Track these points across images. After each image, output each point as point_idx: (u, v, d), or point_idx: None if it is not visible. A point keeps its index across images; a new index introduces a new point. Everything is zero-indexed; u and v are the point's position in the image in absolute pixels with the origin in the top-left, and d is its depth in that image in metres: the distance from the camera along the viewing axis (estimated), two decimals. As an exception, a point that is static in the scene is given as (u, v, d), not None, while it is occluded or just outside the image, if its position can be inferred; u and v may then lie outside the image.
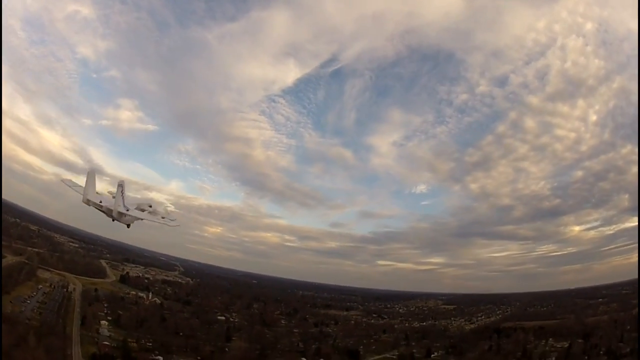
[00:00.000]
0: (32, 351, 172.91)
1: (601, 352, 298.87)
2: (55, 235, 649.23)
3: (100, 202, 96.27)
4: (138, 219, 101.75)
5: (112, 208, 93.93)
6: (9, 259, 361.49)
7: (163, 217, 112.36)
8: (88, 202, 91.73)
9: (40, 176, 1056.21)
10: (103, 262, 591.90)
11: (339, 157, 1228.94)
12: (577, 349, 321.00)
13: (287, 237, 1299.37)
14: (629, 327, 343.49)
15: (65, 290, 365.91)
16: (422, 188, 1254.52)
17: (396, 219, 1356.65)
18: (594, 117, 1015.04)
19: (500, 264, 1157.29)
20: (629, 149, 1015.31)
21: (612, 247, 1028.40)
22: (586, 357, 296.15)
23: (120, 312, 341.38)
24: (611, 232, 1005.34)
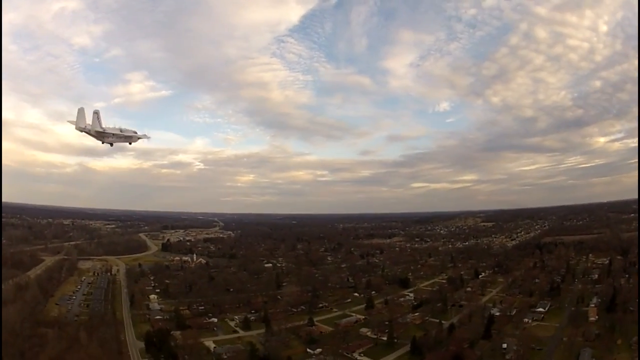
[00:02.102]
0: (85, 349, 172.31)
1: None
2: (90, 223, 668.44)
3: (86, 127, 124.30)
4: (115, 135, 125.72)
5: (91, 129, 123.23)
6: (48, 261, 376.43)
7: (135, 133, 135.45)
8: (80, 129, 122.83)
9: (64, 170, 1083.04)
10: (142, 236, 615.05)
11: (357, 84, 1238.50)
12: (617, 265, 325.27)
13: (318, 172, 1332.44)
14: None
15: (109, 274, 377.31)
16: (444, 106, 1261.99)
17: (424, 139, 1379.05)
18: (604, 28, 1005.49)
19: (531, 177, 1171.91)
20: None
21: (636, 160, 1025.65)
22: (626, 275, 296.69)
23: (168, 282, 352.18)
24: (634, 144, 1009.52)
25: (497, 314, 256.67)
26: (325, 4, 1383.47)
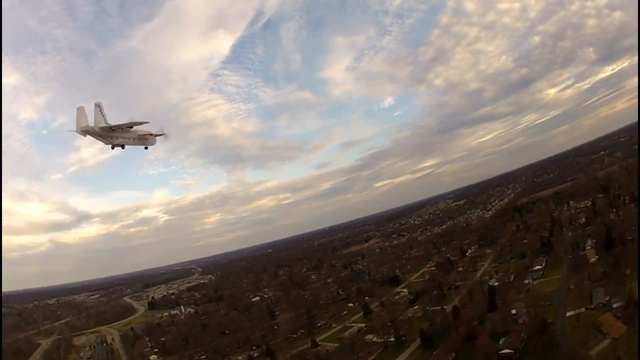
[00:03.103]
0: None
1: (626, 201, 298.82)
2: (75, 297, 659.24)
3: (88, 126, 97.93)
4: (125, 132, 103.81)
5: (94, 126, 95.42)
6: (44, 344, 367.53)
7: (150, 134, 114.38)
8: (83, 131, 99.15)
9: (38, 250, 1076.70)
10: (127, 299, 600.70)
11: (300, 101, 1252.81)
12: (601, 203, 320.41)
13: (281, 195, 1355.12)
14: None
15: (105, 344, 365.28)
16: (389, 100, 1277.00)
17: (377, 138, 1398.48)
18: None
19: (490, 146, 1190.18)
20: (578, 4, 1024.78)
21: (594, 99, 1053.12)
22: (614, 210, 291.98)
23: (163, 339, 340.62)
24: (588, 86, 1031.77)
25: (496, 284, 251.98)
26: (253, 28, 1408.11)
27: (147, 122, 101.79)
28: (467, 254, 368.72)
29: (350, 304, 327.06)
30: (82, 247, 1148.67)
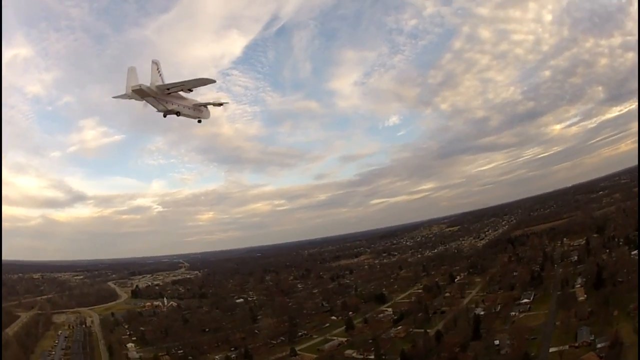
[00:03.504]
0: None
1: (620, 243, 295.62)
2: (59, 275, 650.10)
3: (142, 86, 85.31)
4: (181, 99, 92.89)
5: (151, 85, 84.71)
6: (24, 317, 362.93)
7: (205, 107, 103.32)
8: (135, 91, 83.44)
9: (29, 223, 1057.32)
10: (111, 284, 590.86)
11: (305, 110, 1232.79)
12: (595, 243, 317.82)
13: (276, 201, 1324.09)
14: None
15: (84, 326, 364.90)
16: (394, 119, 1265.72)
17: (377, 155, 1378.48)
18: (549, 17, 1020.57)
19: (490, 175, 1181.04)
20: (592, 42, 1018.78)
21: (598, 139, 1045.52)
22: (607, 250, 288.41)
23: (143, 328, 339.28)
24: (593, 125, 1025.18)
25: (482, 313, 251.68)
26: (267, 32, 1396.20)
27: (214, 81, 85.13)
28: (455, 280, 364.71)
29: (334, 317, 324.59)
30: (73, 226, 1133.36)
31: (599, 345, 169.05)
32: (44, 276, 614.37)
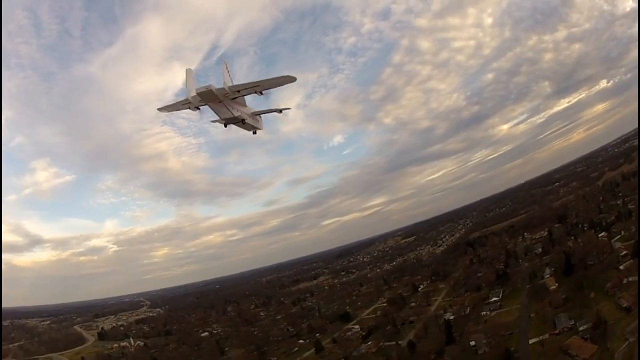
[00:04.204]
0: None
1: (585, 228, 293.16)
2: (27, 322, 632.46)
3: (210, 85, 75.52)
4: (242, 103, 79.68)
5: (225, 86, 73.63)
6: None
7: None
8: (199, 94, 75.23)
9: None
10: (77, 328, 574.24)
11: (249, 137, 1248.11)
12: (558, 232, 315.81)
13: (229, 232, 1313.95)
14: (601, 197, 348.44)
15: None
16: (339, 139, 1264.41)
17: (325, 176, 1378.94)
18: (489, 20, 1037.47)
19: (440, 183, 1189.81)
20: (536, 39, 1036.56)
21: (548, 132, 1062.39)
22: (572, 237, 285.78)
23: None
24: (542, 119, 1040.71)
25: (452, 317, 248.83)
26: (207, 62, 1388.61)
27: (295, 79, 74.18)
28: (419, 289, 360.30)
29: (301, 341, 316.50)
30: (34, 271, 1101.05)
31: (581, 329, 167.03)
32: (13, 323, 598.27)
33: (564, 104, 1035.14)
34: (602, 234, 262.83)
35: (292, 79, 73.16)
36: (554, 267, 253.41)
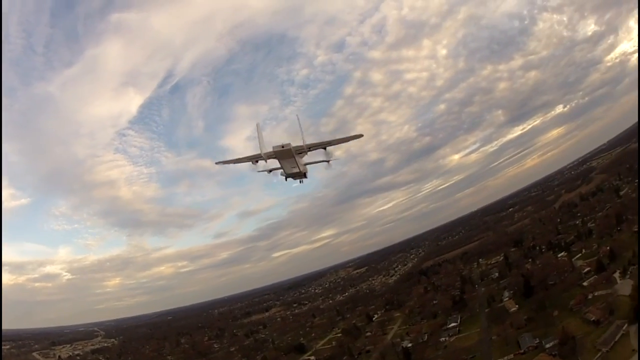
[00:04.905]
0: None
1: (543, 250, 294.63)
2: None
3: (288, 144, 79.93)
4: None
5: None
6: None
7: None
8: (278, 151, 79.86)
9: None
10: (36, 355, 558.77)
11: (200, 169, 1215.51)
12: (514, 257, 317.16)
13: (179, 263, 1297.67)
14: (559, 219, 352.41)
15: None
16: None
17: (275, 209, 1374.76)
18: (443, 52, 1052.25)
19: (391, 214, 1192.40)
20: (490, 68, 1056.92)
21: (501, 160, 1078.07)
22: (529, 260, 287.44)
23: None
24: (494, 148, 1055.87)
25: (410, 345, 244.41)
26: (162, 89, 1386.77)
27: (361, 135, 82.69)
28: (374, 319, 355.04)
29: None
30: None
31: (547, 346, 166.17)
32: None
33: (517, 131, 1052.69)
34: (562, 253, 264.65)
35: (359, 136, 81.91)
36: (512, 290, 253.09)
